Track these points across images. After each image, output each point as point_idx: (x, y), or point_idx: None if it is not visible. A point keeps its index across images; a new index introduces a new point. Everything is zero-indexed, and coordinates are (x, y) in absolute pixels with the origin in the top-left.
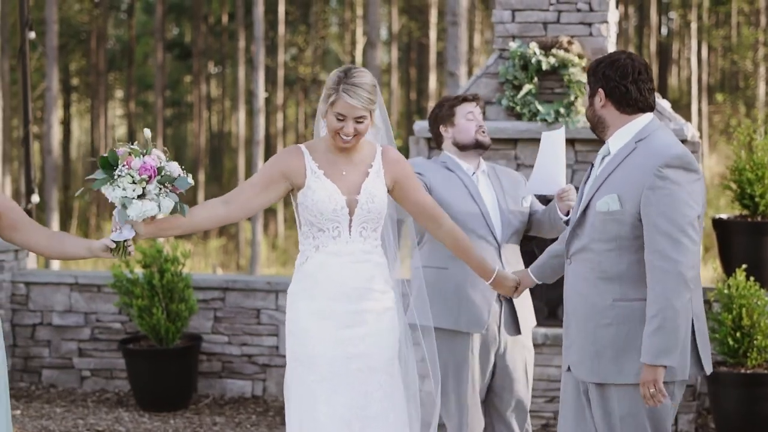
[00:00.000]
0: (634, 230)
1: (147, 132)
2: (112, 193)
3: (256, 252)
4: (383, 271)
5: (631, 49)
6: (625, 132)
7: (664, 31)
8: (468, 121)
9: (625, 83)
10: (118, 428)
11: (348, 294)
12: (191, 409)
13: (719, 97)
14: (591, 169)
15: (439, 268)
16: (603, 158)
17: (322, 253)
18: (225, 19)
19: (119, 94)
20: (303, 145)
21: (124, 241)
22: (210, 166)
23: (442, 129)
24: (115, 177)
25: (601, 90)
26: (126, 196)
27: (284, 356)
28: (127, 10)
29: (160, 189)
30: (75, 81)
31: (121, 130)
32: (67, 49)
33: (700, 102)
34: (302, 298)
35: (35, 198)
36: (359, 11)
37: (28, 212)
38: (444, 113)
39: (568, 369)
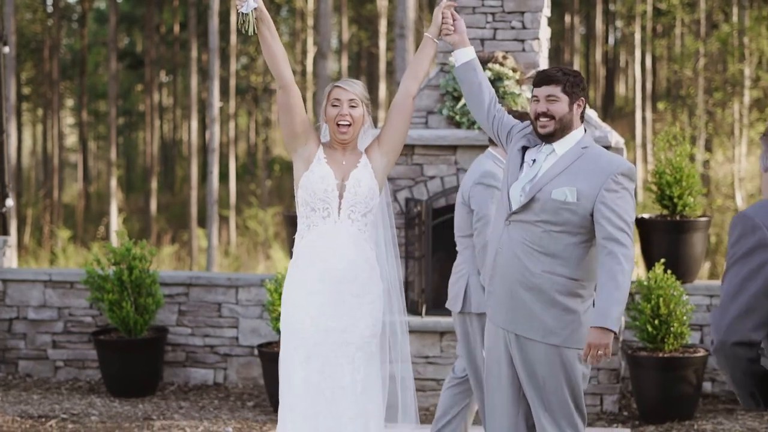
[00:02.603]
0: (582, 221)
1: None
2: None
3: (212, 256)
4: (370, 258)
5: (578, 59)
6: (570, 138)
7: (611, 40)
8: None
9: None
10: (91, 411)
11: (334, 274)
12: (158, 395)
13: (660, 105)
14: (531, 162)
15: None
16: (547, 155)
17: (314, 232)
18: (177, 28)
19: (70, 103)
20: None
21: (251, 12)
22: (162, 174)
23: None
24: None
25: (583, 99)
26: None
27: (243, 347)
28: (78, 19)
29: None
30: (26, 90)
31: (72, 139)
32: (19, 58)
33: (644, 110)
34: (296, 272)
35: (9, 202)
36: (310, 21)
37: (3, 216)
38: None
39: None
